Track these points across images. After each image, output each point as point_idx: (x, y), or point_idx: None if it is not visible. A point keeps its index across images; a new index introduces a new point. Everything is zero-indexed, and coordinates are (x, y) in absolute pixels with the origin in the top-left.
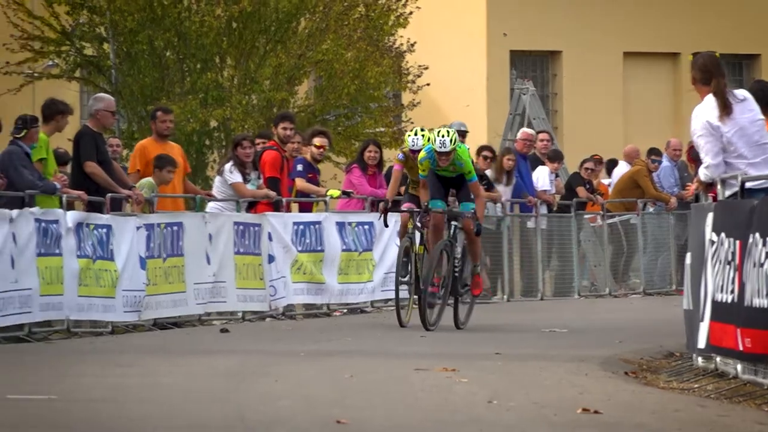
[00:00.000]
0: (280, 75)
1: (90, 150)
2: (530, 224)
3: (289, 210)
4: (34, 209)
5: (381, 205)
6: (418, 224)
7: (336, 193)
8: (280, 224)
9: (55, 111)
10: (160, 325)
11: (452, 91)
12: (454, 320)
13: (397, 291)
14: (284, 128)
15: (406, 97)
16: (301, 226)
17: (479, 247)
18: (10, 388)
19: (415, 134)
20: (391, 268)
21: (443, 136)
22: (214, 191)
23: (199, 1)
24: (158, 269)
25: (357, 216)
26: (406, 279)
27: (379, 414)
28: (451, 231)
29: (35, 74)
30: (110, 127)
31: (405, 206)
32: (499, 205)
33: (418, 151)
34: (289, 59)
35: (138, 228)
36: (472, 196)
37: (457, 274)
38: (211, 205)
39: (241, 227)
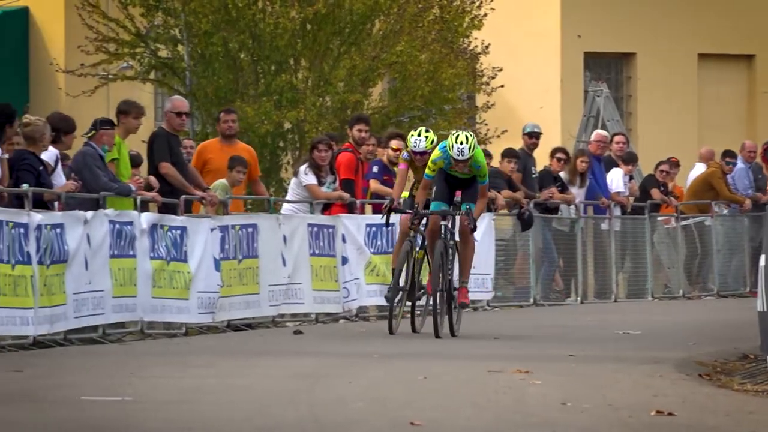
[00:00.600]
0: (354, 77)
1: (163, 151)
2: (604, 226)
3: (362, 212)
4: (108, 211)
5: (385, 203)
6: (420, 227)
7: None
8: (353, 226)
9: (121, 112)
10: (233, 326)
11: (526, 92)
12: (450, 327)
13: (392, 297)
14: (359, 130)
15: (480, 99)
16: (374, 228)
17: (471, 258)
18: (84, 390)
19: (419, 134)
20: None
21: (461, 143)
22: (290, 193)
23: (274, 3)
24: (233, 271)
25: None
26: (401, 285)
27: (453, 416)
28: (441, 231)
29: (110, 76)
30: (179, 128)
31: (403, 217)
32: (572, 207)
33: (421, 152)
34: (363, 61)
35: (212, 230)
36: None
37: (450, 277)
38: (285, 207)
39: (315, 229)
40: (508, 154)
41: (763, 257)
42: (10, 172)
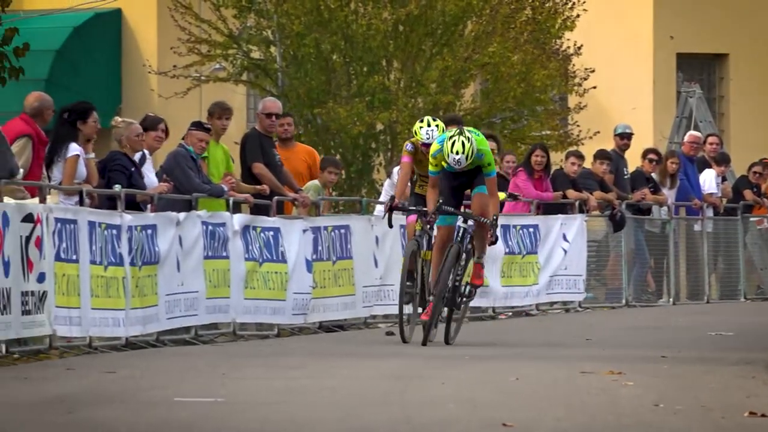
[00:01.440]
0: (447, 78)
1: (255, 152)
2: (696, 227)
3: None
4: (201, 212)
5: (386, 202)
6: (427, 226)
7: (502, 195)
8: None
9: (208, 114)
10: (325, 327)
11: (618, 93)
12: (445, 335)
13: (401, 303)
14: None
15: (573, 100)
16: (463, 228)
17: (487, 239)
18: (177, 391)
19: (428, 125)
20: (557, 270)
21: (457, 153)
22: (383, 194)
23: (366, 4)
24: (327, 272)
25: (521, 219)
26: (411, 290)
27: (544, 417)
28: (459, 233)
29: (202, 78)
30: (270, 130)
31: (410, 218)
32: (664, 208)
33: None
34: (455, 62)
35: (304, 231)
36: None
37: (457, 283)
38: (378, 209)
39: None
40: (600, 155)
41: None
42: (102, 173)
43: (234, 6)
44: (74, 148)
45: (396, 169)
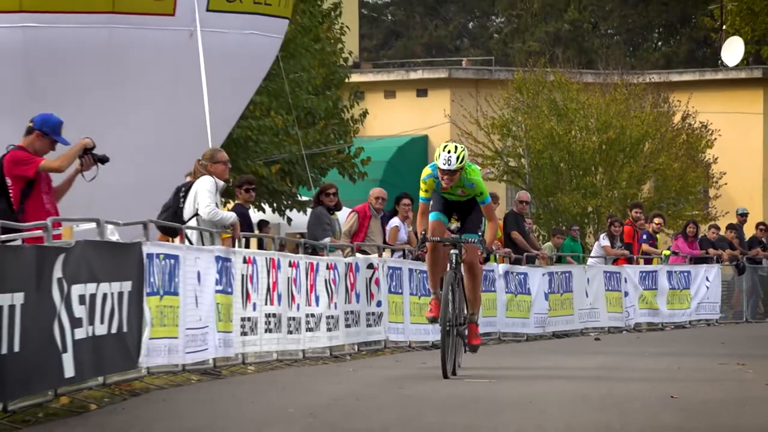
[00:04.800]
0: (632, 178)
1: (513, 224)
2: None
3: (637, 263)
4: None
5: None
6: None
7: (667, 252)
8: (632, 273)
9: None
10: (557, 335)
11: (740, 187)
12: (452, 366)
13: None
14: (636, 212)
15: (712, 192)
16: (644, 273)
17: (479, 289)
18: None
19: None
20: (703, 298)
21: (449, 152)
22: (593, 251)
23: (582, 131)
24: (557, 301)
25: (680, 267)
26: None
27: (697, 391)
28: (453, 261)
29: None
30: (523, 210)
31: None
32: None
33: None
34: (637, 168)
35: (543, 274)
36: (482, 226)
37: (457, 312)
38: (590, 261)
39: (608, 274)
40: (729, 227)
41: None
42: None
43: (499, 132)
44: (394, 221)
45: (603, 235)
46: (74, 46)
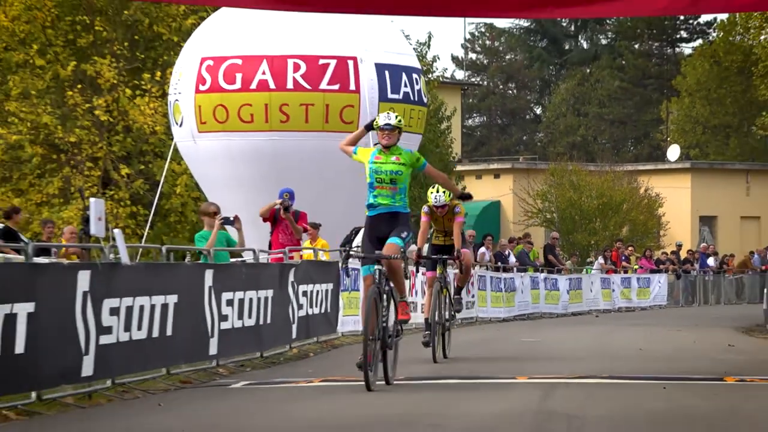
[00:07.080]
0: (616, 225)
1: (548, 250)
2: None
3: (619, 273)
4: None
5: (415, 253)
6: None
7: (636, 266)
8: (617, 278)
9: None
10: (573, 314)
11: (677, 230)
12: (384, 375)
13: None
14: (619, 244)
15: (662, 232)
16: (623, 279)
17: (401, 278)
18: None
19: (437, 191)
20: (657, 293)
21: (388, 113)
22: (594, 266)
23: (588, 198)
24: (573, 294)
25: (644, 275)
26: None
27: (665, 347)
28: (377, 276)
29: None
30: (556, 244)
31: (429, 274)
32: None
33: (441, 206)
34: (619, 219)
35: (566, 280)
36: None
37: (384, 324)
38: (593, 271)
39: (603, 279)
40: (672, 252)
41: None
42: None
43: (540, 198)
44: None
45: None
46: (299, 151)
